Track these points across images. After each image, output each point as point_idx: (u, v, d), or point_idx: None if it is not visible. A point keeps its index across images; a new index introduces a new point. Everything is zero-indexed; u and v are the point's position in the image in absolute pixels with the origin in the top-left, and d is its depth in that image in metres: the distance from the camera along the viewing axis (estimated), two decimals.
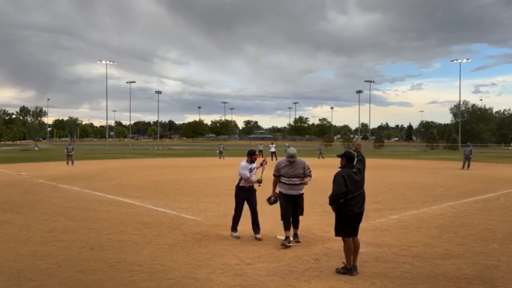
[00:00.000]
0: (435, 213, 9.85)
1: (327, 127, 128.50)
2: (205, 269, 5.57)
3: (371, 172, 22.85)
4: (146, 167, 25.28)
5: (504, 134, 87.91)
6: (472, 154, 24.80)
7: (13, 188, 14.57)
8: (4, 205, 10.88)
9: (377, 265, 5.75)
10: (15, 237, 7.39)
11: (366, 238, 7.29)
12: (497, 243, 6.95)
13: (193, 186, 15.37)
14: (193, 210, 10.17)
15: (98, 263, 5.81)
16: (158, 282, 5.04)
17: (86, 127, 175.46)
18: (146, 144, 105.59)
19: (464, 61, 68.48)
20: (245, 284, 5.02)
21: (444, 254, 6.29)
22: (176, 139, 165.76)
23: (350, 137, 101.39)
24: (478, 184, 16.31)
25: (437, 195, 12.94)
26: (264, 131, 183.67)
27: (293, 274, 5.37)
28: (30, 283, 5.01)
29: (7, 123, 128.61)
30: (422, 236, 7.49)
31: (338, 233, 5.53)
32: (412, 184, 16.28)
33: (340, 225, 5.47)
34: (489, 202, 11.55)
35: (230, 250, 6.48)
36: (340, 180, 5.37)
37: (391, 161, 35.21)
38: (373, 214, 9.59)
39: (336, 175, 5.48)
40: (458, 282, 5.06)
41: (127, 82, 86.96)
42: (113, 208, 10.48)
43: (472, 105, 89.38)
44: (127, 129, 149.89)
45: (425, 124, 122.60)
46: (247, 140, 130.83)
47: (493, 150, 61.52)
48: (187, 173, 21.27)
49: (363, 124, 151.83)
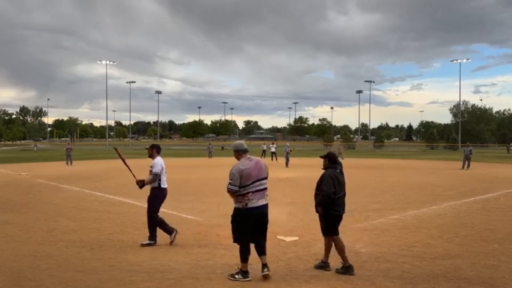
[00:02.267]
0: (435, 213, 9.84)
1: (327, 127, 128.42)
2: (205, 269, 5.57)
3: (371, 172, 22.87)
4: (146, 167, 25.20)
5: (504, 134, 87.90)
6: (472, 154, 24.87)
7: (13, 188, 14.57)
8: (4, 205, 10.89)
9: (377, 265, 5.75)
10: (15, 237, 7.39)
11: (366, 238, 7.30)
12: (497, 243, 6.95)
13: (193, 186, 15.38)
14: (193, 210, 10.17)
15: (98, 263, 5.81)
16: (158, 282, 5.04)
17: (86, 127, 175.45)
18: (146, 144, 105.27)
19: (464, 61, 68.58)
20: (245, 284, 5.03)
21: (444, 254, 6.29)
22: (176, 139, 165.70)
23: (350, 137, 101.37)
24: (478, 184, 16.31)
25: (437, 195, 12.94)
26: (264, 131, 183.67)
27: (293, 274, 5.37)
28: (30, 283, 5.01)
29: (7, 123, 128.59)
30: (422, 236, 7.49)
31: (328, 233, 5.58)
32: (412, 184, 16.28)
33: (329, 225, 5.53)
34: (489, 202, 11.55)
35: (230, 250, 6.47)
36: (329, 180, 5.44)
37: (391, 161, 35.21)
38: (373, 214, 9.60)
39: (324, 176, 5.55)
40: (458, 282, 5.06)
41: (127, 82, 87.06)
42: (113, 208, 10.49)
43: (472, 105, 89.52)
44: (127, 129, 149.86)
45: (425, 124, 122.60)
46: (247, 140, 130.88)
47: (493, 150, 61.52)
48: (187, 173, 21.27)
49: (363, 124, 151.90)
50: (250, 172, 5.14)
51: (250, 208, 5.14)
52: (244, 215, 5.17)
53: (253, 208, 5.14)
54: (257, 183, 5.17)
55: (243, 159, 5.32)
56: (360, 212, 9.90)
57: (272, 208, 7.27)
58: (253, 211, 5.15)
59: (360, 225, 8.44)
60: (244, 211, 5.16)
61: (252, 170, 5.16)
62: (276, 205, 10.45)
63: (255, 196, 5.15)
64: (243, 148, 5.41)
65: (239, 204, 5.19)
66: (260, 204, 5.18)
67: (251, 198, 5.13)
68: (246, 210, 5.14)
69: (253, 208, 5.14)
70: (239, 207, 5.21)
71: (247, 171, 5.13)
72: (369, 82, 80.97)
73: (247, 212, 5.14)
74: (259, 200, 5.17)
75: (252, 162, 5.28)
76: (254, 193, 5.14)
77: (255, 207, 5.15)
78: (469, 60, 75.20)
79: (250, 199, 5.12)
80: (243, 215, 5.18)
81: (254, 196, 5.14)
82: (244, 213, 5.16)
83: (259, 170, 5.24)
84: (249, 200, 5.12)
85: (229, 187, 5.16)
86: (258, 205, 5.16)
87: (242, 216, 5.19)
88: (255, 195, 5.14)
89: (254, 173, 5.16)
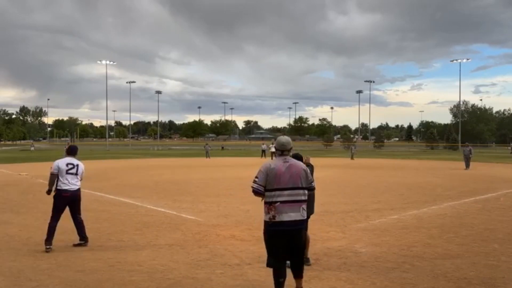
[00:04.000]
0: (435, 213, 9.84)
1: (327, 127, 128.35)
2: (205, 269, 5.56)
3: (371, 172, 22.85)
4: (146, 167, 25.27)
5: (504, 134, 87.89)
6: (471, 154, 24.91)
7: (13, 188, 14.57)
8: (4, 205, 10.89)
9: (377, 265, 5.75)
10: (15, 237, 7.39)
11: (366, 238, 7.30)
12: (497, 243, 6.94)
13: (193, 186, 15.37)
14: (193, 210, 10.17)
15: (98, 263, 5.81)
16: (158, 282, 5.04)
17: (86, 127, 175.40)
18: (146, 144, 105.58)
19: (464, 61, 68.49)
20: (245, 284, 5.02)
21: (444, 254, 6.29)
22: (176, 139, 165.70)
23: (350, 137, 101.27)
24: (478, 184, 16.31)
25: (437, 195, 12.94)
26: (264, 131, 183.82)
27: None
28: (30, 283, 5.01)
29: (7, 123, 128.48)
30: (422, 236, 7.49)
31: None
32: (412, 184, 16.28)
33: None
34: (489, 202, 11.55)
35: (230, 250, 6.48)
36: None
37: (391, 161, 35.21)
38: (373, 214, 9.60)
39: None
40: (458, 282, 5.06)
41: (127, 82, 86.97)
42: (113, 208, 10.49)
43: (472, 105, 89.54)
44: (127, 129, 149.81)
45: (425, 124, 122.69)
46: (247, 140, 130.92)
47: (493, 150, 61.50)
48: (187, 173, 21.27)
49: (363, 124, 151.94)
50: (279, 175, 4.24)
51: (278, 222, 4.19)
52: (272, 231, 4.25)
53: (282, 222, 4.19)
54: (289, 192, 4.22)
55: (279, 158, 4.41)
56: (360, 212, 9.91)
57: None
58: (281, 226, 4.19)
59: (360, 225, 8.44)
60: (271, 225, 4.23)
61: (282, 174, 4.24)
62: None
63: (285, 208, 4.19)
64: (282, 148, 4.43)
65: (266, 216, 4.27)
66: (292, 219, 4.21)
67: (279, 210, 4.19)
68: (274, 224, 4.21)
69: (282, 223, 4.19)
70: (266, 220, 4.29)
71: (275, 172, 4.24)
72: (369, 82, 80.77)
73: (275, 226, 4.21)
74: (290, 213, 4.20)
75: (286, 164, 4.32)
76: (283, 203, 4.20)
77: (285, 221, 4.19)
78: (469, 60, 75.09)
79: (278, 210, 4.19)
80: (271, 231, 4.26)
81: (284, 208, 4.19)
82: (272, 228, 4.24)
83: (294, 176, 4.27)
84: (277, 212, 4.19)
85: (253, 186, 4.30)
86: (289, 219, 4.19)
87: (270, 232, 4.27)
88: (284, 206, 4.19)
89: (284, 178, 4.23)
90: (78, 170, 6.75)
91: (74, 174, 6.69)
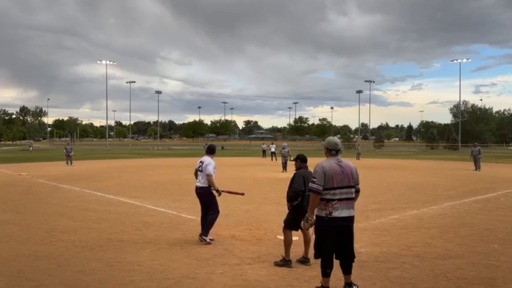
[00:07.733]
0: (435, 213, 9.84)
1: (327, 127, 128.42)
2: (205, 269, 5.56)
3: (371, 172, 22.83)
4: (146, 167, 25.27)
5: (504, 134, 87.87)
6: (480, 155, 24.01)
7: (13, 188, 14.57)
8: (4, 205, 10.88)
9: (377, 265, 5.75)
10: (15, 237, 7.39)
11: (366, 238, 7.30)
12: (497, 243, 6.94)
13: (193, 186, 15.32)
14: (193, 210, 10.15)
15: (98, 263, 5.81)
16: (158, 282, 5.04)
17: (86, 127, 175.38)
18: (146, 144, 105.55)
19: (464, 61, 68.52)
20: (245, 284, 5.02)
21: (444, 254, 6.29)
22: (176, 139, 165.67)
23: (350, 137, 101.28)
24: (478, 184, 16.31)
25: (437, 195, 12.93)
26: (264, 131, 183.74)
27: (293, 274, 5.37)
28: (30, 283, 5.01)
29: (7, 123, 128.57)
30: (422, 236, 7.49)
31: (288, 227, 5.86)
32: (412, 184, 16.28)
33: (292, 220, 5.78)
34: (489, 202, 11.55)
35: (230, 250, 6.48)
36: (300, 179, 5.74)
37: (391, 161, 35.21)
38: (373, 214, 9.60)
39: (296, 175, 5.89)
40: (458, 282, 5.06)
41: (127, 82, 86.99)
42: (113, 208, 10.48)
43: (472, 105, 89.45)
44: (127, 129, 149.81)
45: (425, 124, 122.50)
46: (247, 140, 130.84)
47: (493, 150, 61.49)
48: (187, 173, 21.23)
49: (363, 124, 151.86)
50: (335, 175, 4.50)
51: (334, 218, 4.46)
52: (327, 225, 4.49)
53: (338, 218, 4.46)
54: (344, 190, 4.51)
55: (332, 159, 4.65)
56: (360, 212, 9.87)
57: (272, 208, 7.28)
58: (337, 221, 4.47)
59: (360, 225, 8.43)
60: (327, 220, 4.47)
61: (336, 174, 4.51)
62: (276, 205, 10.45)
63: (341, 205, 4.48)
64: (336, 148, 4.69)
65: (322, 212, 4.50)
66: (346, 215, 4.51)
67: (336, 207, 4.46)
68: (330, 220, 4.46)
69: (337, 219, 4.46)
70: (321, 215, 4.51)
71: (332, 173, 4.49)
72: (369, 82, 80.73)
73: (331, 222, 4.47)
74: (344, 210, 4.50)
75: (340, 164, 4.60)
76: (340, 201, 4.48)
77: (341, 217, 4.47)
78: (469, 60, 75.34)
79: (335, 207, 4.46)
80: (326, 226, 4.49)
81: (340, 205, 4.47)
82: (328, 223, 4.48)
83: (347, 176, 4.56)
84: (334, 208, 4.46)
85: (313, 187, 4.49)
86: (344, 215, 4.49)
87: (325, 227, 4.50)
88: (341, 204, 4.48)
89: (340, 178, 4.52)
90: (203, 167, 7.18)
91: (201, 172, 7.20)
